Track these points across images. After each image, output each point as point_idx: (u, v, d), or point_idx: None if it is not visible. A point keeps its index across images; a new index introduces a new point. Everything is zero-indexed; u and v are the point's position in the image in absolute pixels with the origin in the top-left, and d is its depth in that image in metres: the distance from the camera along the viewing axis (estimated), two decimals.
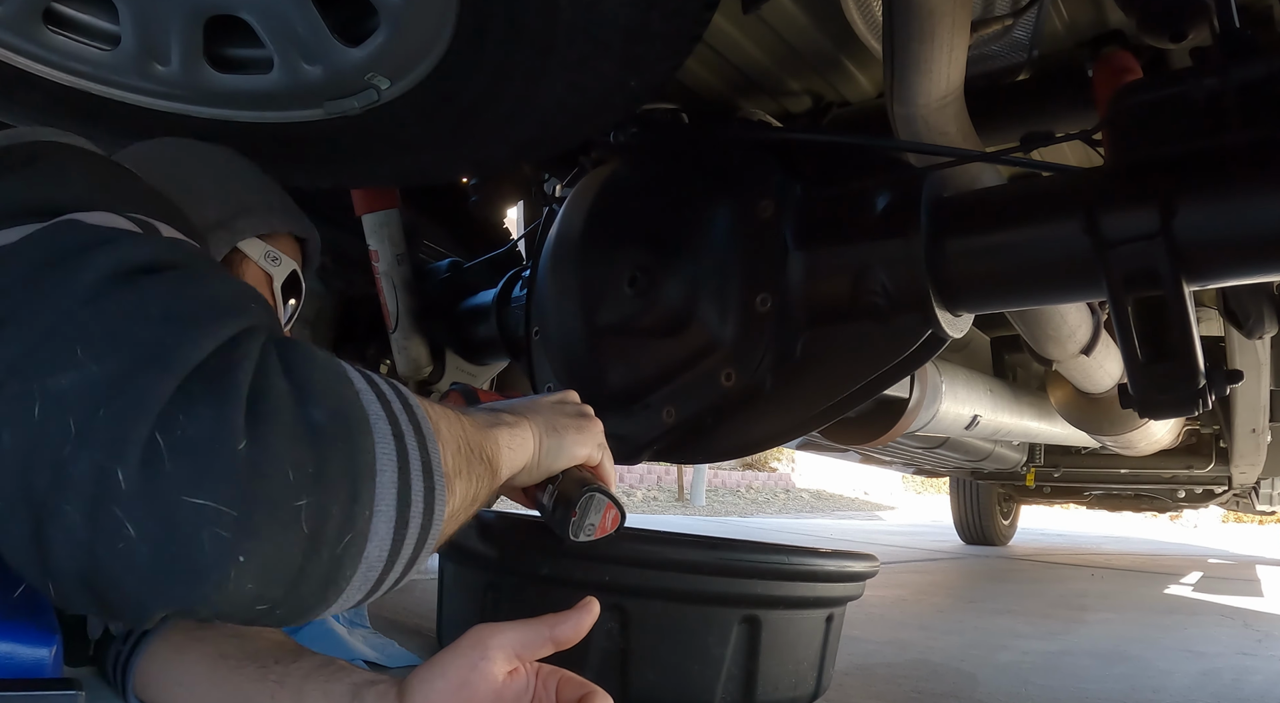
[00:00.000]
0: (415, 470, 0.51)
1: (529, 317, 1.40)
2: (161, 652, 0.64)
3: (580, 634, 0.59)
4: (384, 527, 0.49)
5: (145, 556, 0.41)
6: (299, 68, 0.86)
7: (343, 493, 0.46)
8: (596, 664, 0.86)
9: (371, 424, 0.49)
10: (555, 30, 0.80)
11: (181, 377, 0.42)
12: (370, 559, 0.48)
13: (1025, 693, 1.34)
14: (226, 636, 0.64)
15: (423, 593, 1.85)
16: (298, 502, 0.44)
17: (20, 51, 0.87)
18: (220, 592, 0.42)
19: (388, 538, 0.49)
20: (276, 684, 0.60)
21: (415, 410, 0.53)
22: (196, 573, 0.41)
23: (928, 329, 0.98)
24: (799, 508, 10.11)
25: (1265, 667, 1.68)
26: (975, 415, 1.82)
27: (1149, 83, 0.92)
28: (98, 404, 0.41)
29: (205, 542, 0.41)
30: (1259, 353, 1.91)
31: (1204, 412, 0.92)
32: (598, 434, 0.78)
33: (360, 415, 0.49)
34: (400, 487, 0.50)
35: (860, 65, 1.34)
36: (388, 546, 0.49)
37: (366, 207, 1.59)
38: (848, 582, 0.99)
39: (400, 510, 0.50)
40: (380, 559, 0.49)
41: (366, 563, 0.48)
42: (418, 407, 0.54)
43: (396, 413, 0.51)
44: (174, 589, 0.42)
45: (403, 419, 0.52)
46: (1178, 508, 4.21)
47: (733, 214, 1.10)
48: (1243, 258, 0.85)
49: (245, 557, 0.42)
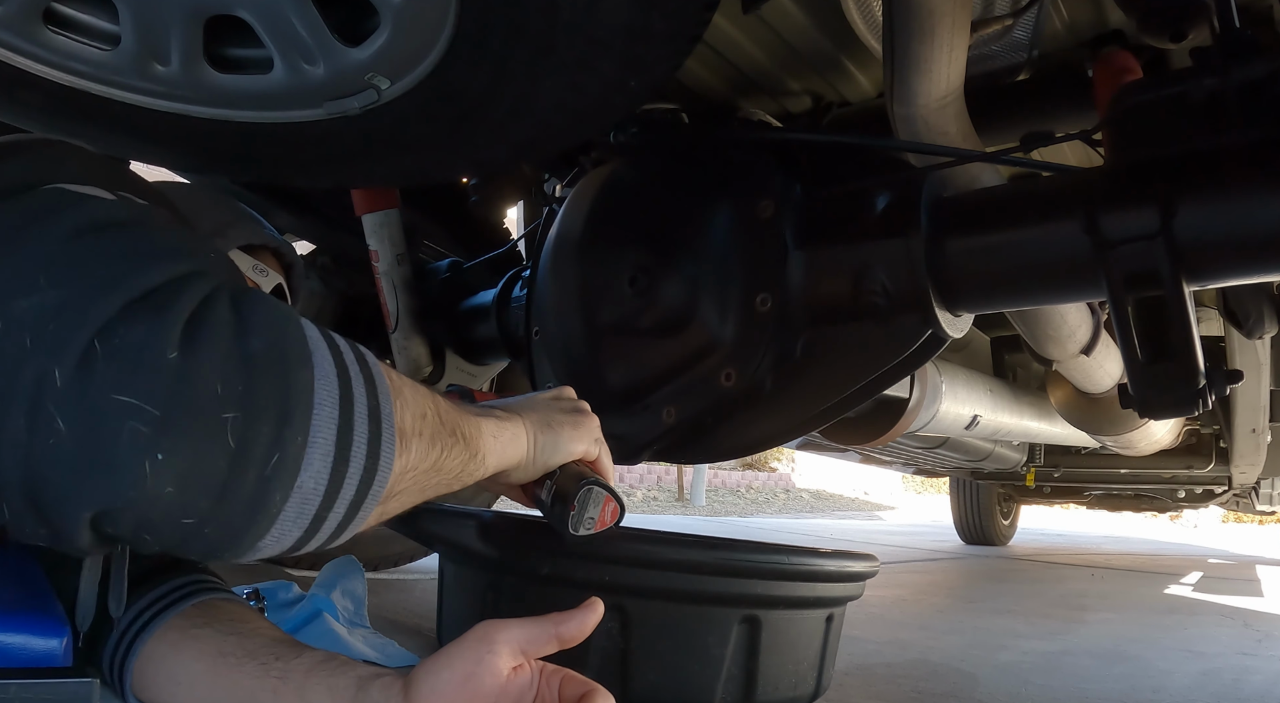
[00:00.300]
0: (360, 414, 0.52)
1: (529, 317, 1.39)
2: (158, 650, 0.64)
3: (584, 633, 0.59)
4: (319, 459, 0.49)
5: (70, 451, 0.43)
6: (299, 68, 0.86)
7: (272, 414, 0.47)
8: (597, 664, 0.86)
9: (314, 362, 0.50)
10: (555, 30, 0.80)
11: (128, 299, 0.45)
12: (304, 490, 0.49)
13: (1025, 693, 1.34)
14: (226, 633, 0.64)
15: (423, 593, 1.85)
16: (224, 414, 0.45)
17: (20, 51, 0.87)
18: (138, 490, 0.43)
19: (324, 472, 0.49)
20: (279, 680, 0.59)
21: (370, 365, 0.55)
22: (114, 466, 0.43)
23: (928, 329, 0.98)
24: (799, 508, 10.11)
25: (1265, 667, 1.68)
26: (975, 415, 1.82)
27: (1149, 83, 0.92)
28: (48, 320, 0.44)
29: (124, 435, 0.43)
30: (1259, 353, 1.90)
31: (1204, 412, 0.92)
32: (594, 429, 0.78)
33: (301, 352, 0.50)
34: (341, 424, 0.50)
35: (860, 65, 1.34)
36: (324, 480, 0.49)
37: (366, 207, 1.59)
38: (848, 582, 0.99)
39: (340, 448, 0.50)
40: (316, 493, 0.49)
41: (300, 494, 0.49)
42: (375, 364, 0.55)
43: (347, 361, 0.53)
44: (94, 485, 0.43)
45: (352, 367, 0.53)
46: (1178, 508, 4.20)
47: (733, 214, 1.10)
48: (1243, 258, 0.85)
49: (163, 455, 0.43)
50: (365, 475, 0.52)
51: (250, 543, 0.49)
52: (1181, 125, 0.87)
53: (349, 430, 0.51)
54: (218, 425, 0.45)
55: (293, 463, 0.48)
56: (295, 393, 0.49)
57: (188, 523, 0.46)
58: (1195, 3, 0.98)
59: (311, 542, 0.52)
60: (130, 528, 0.46)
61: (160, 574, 0.69)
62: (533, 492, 0.77)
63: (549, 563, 0.87)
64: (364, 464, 0.52)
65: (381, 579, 2.02)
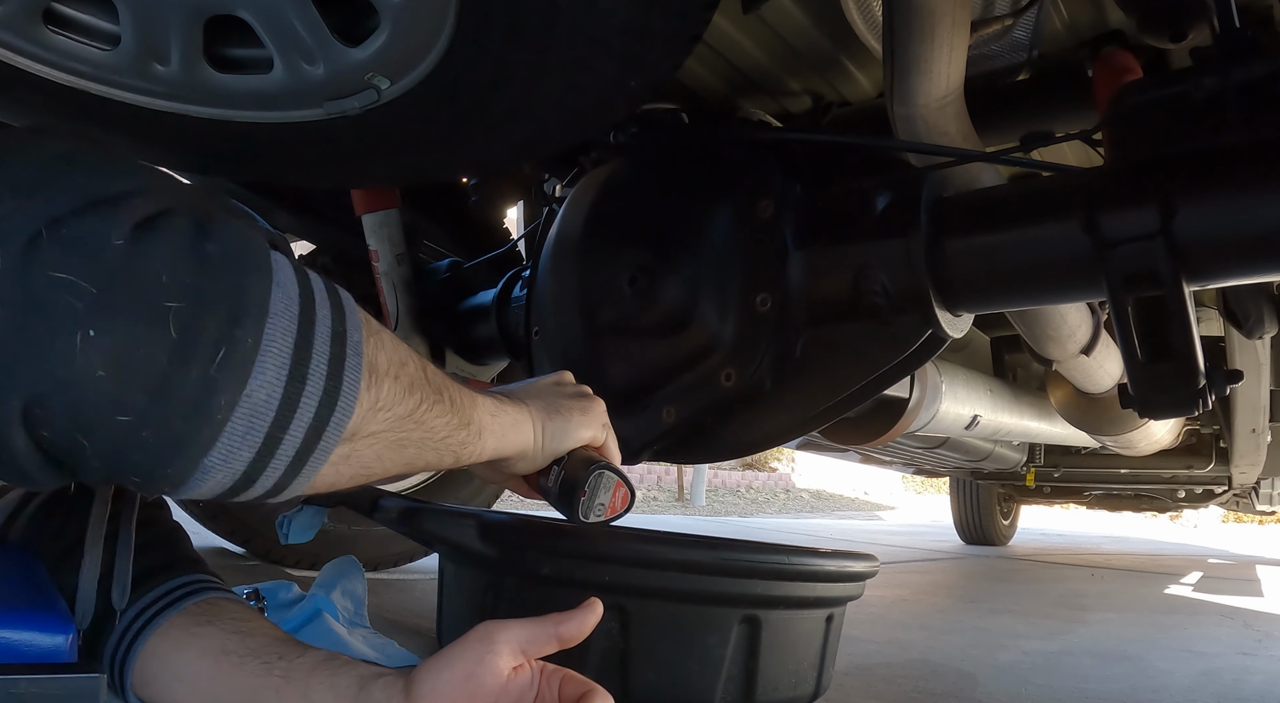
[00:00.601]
0: (322, 333, 0.49)
1: (529, 317, 1.39)
2: (160, 648, 0.63)
3: (584, 633, 0.59)
4: (272, 368, 0.46)
5: (4, 332, 0.41)
6: (299, 68, 0.86)
7: (222, 311, 0.45)
8: (596, 664, 0.86)
9: (273, 271, 0.48)
10: (555, 30, 0.80)
11: (85, 200, 0.43)
12: (254, 400, 0.46)
13: (1025, 693, 1.34)
14: (229, 632, 0.64)
15: (423, 593, 1.85)
16: (167, 302, 0.43)
17: (20, 51, 0.87)
18: (67, 369, 0.41)
19: (277, 384, 0.46)
20: (281, 679, 0.59)
21: (341, 296, 0.53)
22: (44, 342, 0.41)
23: (928, 329, 0.98)
24: (799, 508, 10.11)
25: (1265, 667, 1.68)
26: (975, 415, 1.82)
27: (1149, 83, 0.92)
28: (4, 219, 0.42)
29: (57, 310, 0.41)
30: (1259, 353, 1.90)
31: (1204, 412, 0.92)
32: (601, 414, 0.76)
33: (261, 260, 0.48)
34: (300, 339, 0.48)
35: (860, 65, 1.34)
36: (277, 394, 0.46)
37: (366, 207, 1.59)
38: (848, 582, 0.99)
39: (297, 362, 0.47)
40: (268, 407, 0.46)
41: (249, 403, 0.45)
42: (348, 299, 0.53)
43: (313, 285, 0.51)
44: (25, 364, 0.41)
45: (319, 291, 0.51)
46: (1178, 508, 4.20)
47: (733, 214, 1.10)
48: (1243, 258, 0.85)
49: (95, 332, 0.41)
50: (325, 399, 0.49)
51: (195, 457, 0.45)
52: (1181, 125, 0.86)
53: (307, 346, 0.48)
54: (159, 313, 0.43)
55: (240, 364, 0.45)
56: (249, 295, 0.46)
57: (124, 421, 0.43)
58: (1195, 3, 0.98)
59: (267, 472, 0.48)
60: (64, 422, 0.43)
61: (162, 573, 0.69)
62: (537, 481, 0.75)
63: (549, 563, 0.87)
64: (323, 385, 0.49)
65: (381, 579, 2.02)
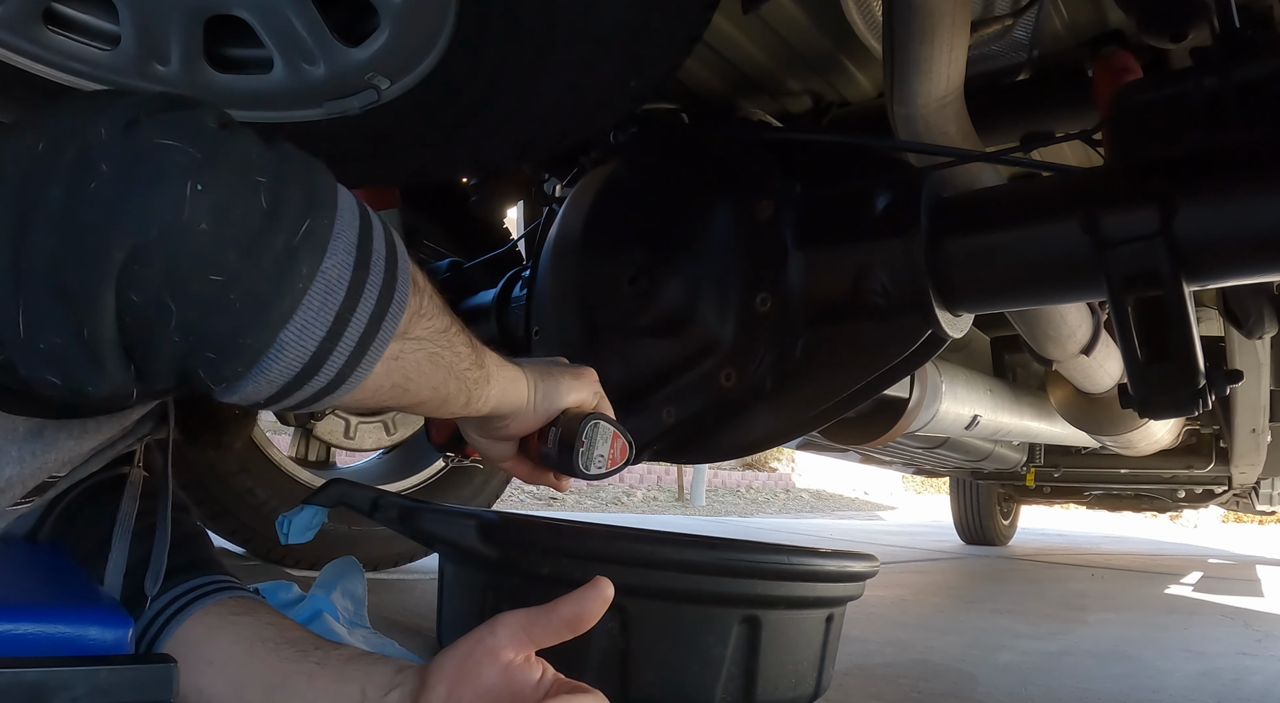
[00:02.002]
0: (379, 235, 0.52)
1: (529, 317, 1.39)
2: (193, 634, 0.64)
3: (588, 613, 0.58)
4: (343, 252, 0.49)
5: (110, 184, 0.43)
6: (299, 68, 0.86)
7: (302, 193, 0.48)
8: (596, 664, 0.86)
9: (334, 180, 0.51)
10: (555, 30, 0.80)
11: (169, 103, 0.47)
12: (329, 278, 0.48)
13: (1025, 693, 1.34)
14: (265, 623, 0.65)
15: (423, 593, 1.85)
16: (258, 176, 0.46)
17: (20, 51, 0.87)
18: (176, 214, 0.43)
19: (347, 266, 0.49)
20: (317, 665, 0.60)
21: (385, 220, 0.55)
22: (155, 188, 0.43)
23: (928, 329, 0.98)
24: (799, 508, 10.11)
25: (1265, 667, 1.68)
26: (975, 415, 1.82)
27: (1149, 83, 0.92)
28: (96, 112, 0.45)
29: (166, 165, 0.44)
30: (1259, 353, 1.90)
31: (1204, 412, 0.92)
32: (592, 380, 0.77)
33: (324, 167, 0.51)
34: (362, 234, 0.51)
35: (860, 65, 1.34)
36: (348, 273, 0.49)
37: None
38: (848, 582, 0.99)
39: (361, 252, 0.50)
40: (340, 284, 0.49)
41: (325, 279, 0.48)
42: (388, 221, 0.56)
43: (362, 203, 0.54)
44: (134, 210, 0.43)
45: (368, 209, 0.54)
46: (1178, 508, 4.20)
47: (733, 214, 1.10)
48: (1243, 258, 0.85)
49: (203, 186, 0.44)
50: (385, 289, 0.51)
51: (274, 326, 0.46)
52: (1181, 125, 0.86)
53: (368, 240, 0.51)
54: (252, 183, 0.46)
55: (319, 240, 0.48)
56: (321, 186, 0.49)
57: (215, 281, 0.44)
58: (1195, 3, 0.98)
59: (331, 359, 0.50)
60: (159, 281, 0.44)
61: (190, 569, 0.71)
62: (536, 448, 0.75)
63: (549, 563, 0.87)
64: (383, 277, 0.51)
65: (381, 579, 2.02)
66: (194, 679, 0.62)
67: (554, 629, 0.57)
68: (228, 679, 0.62)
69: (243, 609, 0.67)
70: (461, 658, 0.56)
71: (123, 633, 0.54)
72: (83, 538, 0.72)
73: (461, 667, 0.56)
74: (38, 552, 0.72)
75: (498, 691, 0.55)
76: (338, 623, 1.18)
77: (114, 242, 0.43)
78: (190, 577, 0.70)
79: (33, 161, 0.44)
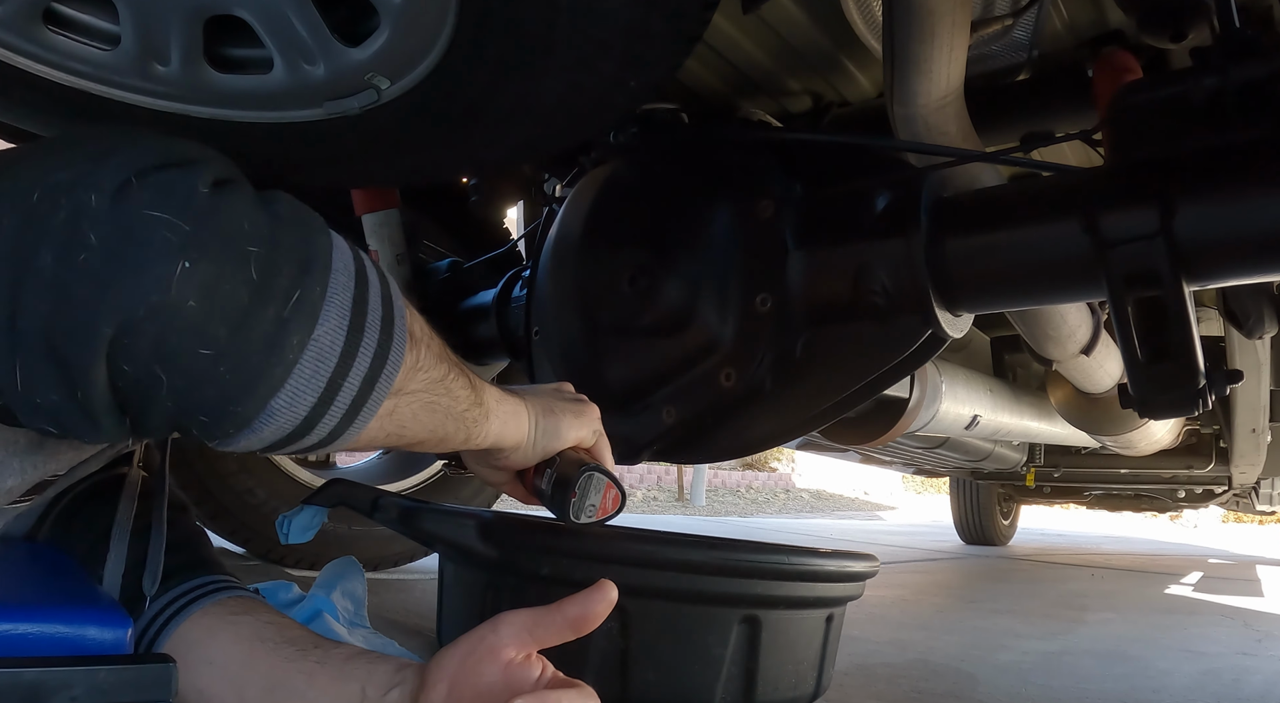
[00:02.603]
0: (375, 294, 0.52)
1: (529, 317, 1.39)
2: (192, 634, 0.64)
3: (593, 615, 0.57)
4: (335, 316, 0.49)
5: (99, 259, 0.43)
6: (299, 68, 0.86)
7: (294, 261, 0.48)
8: (596, 664, 0.86)
9: (331, 236, 0.51)
10: (555, 30, 0.80)
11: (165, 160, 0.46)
12: (321, 345, 0.49)
13: (1025, 693, 1.34)
14: (265, 623, 0.65)
15: (423, 593, 1.85)
16: (249, 247, 0.46)
17: (20, 51, 0.87)
18: (162, 293, 0.43)
19: (340, 332, 0.49)
20: (316, 664, 0.60)
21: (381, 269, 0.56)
22: (143, 267, 0.43)
23: (928, 329, 0.98)
24: (799, 508, 10.11)
25: (1265, 667, 1.68)
26: (975, 415, 1.82)
27: (1149, 83, 0.92)
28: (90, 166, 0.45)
29: (155, 240, 0.44)
30: (1259, 353, 1.90)
31: (1204, 412, 0.92)
32: (594, 418, 0.78)
33: (321, 225, 0.51)
34: (357, 295, 0.51)
35: (860, 65, 1.34)
36: (340, 340, 0.49)
37: (366, 207, 1.59)
38: (848, 582, 0.99)
39: (356, 314, 0.50)
40: (332, 351, 0.49)
41: (317, 347, 0.48)
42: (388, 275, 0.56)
43: (361, 254, 0.54)
44: (121, 288, 0.43)
45: (366, 260, 0.54)
46: (1178, 508, 4.20)
47: (733, 214, 1.10)
48: (1243, 258, 0.85)
49: (190, 263, 0.44)
50: (379, 350, 0.52)
51: (264, 396, 0.47)
52: (1181, 125, 0.86)
53: (363, 302, 0.51)
54: (243, 255, 0.46)
55: (311, 309, 0.48)
56: (315, 251, 0.49)
57: (205, 355, 0.45)
58: (1195, 3, 0.98)
59: (324, 419, 0.51)
60: (148, 354, 0.44)
61: (189, 569, 0.71)
62: (532, 482, 0.76)
63: (549, 563, 0.87)
64: (378, 338, 0.52)
65: (381, 579, 2.02)
66: (193, 679, 0.62)
67: (557, 630, 0.57)
68: (227, 679, 0.62)
69: (242, 609, 0.67)
70: (462, 656, 0.56)
71: (122, 633, 0.54)
72: (81, 538, 0.72)
73: (462, 665, 0.56)
74: (37, 552, 0.72)
75: (498, 689, 0.55)
76: (338, 623, 1.18)
77: (102, 317, 0.43)
78: (189, 577, 0.70)
79: (27, 215, 0.44)
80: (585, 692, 0.56)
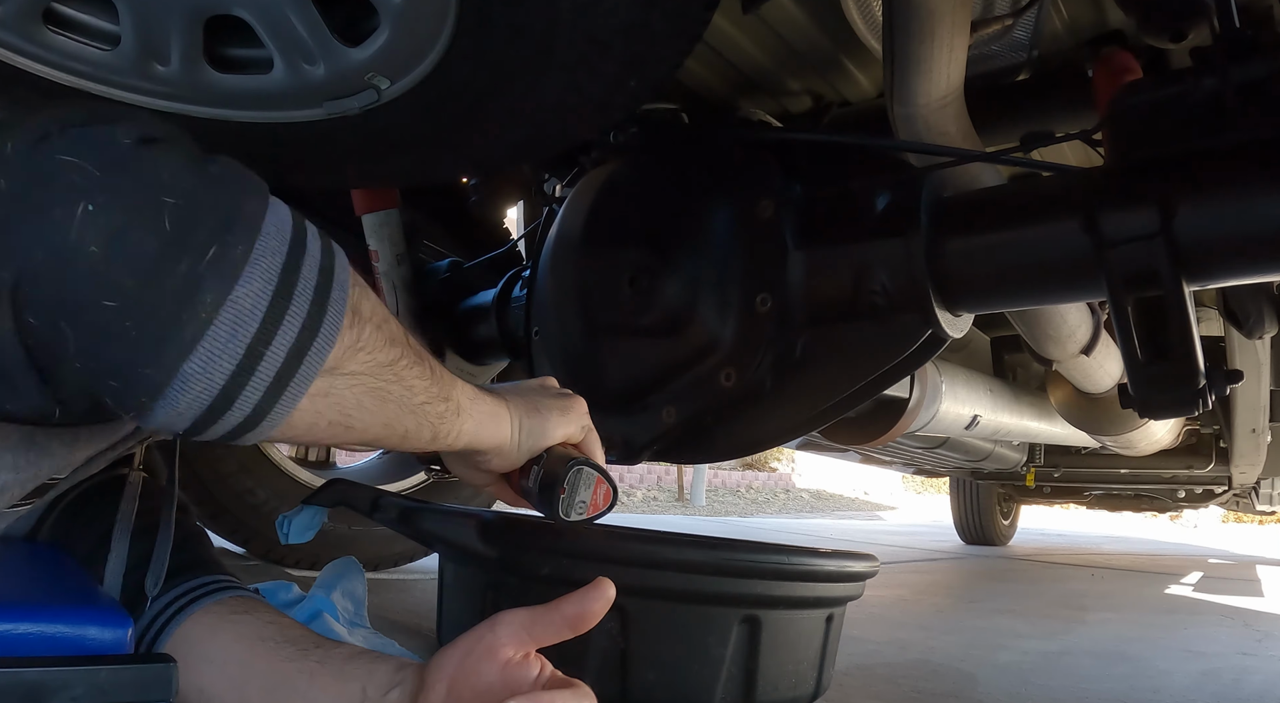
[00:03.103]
0: (310, 263, 0.49)
1: (529, 317, 1.39)
2: (193, 633, 0.64)
3: (590, 613, 0.57)
4: (259, 280, 0.46)
5: (5, 201, 0.42)
6: (299, 68, 0.86)
7: (217, 217, 0.45)
8: (596, 664, 0.86)
9: (269, 202, 0.49)
10: (555, 30, 0.80)
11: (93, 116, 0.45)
12: (240, 308, 0.45)
13: (1025, 693, 1.34)
14: (266, 622, 0.65)
15: (423, 593, 1.85)
16: (165, 197, 0.44)
17: (20, 51, 0.87)
18: (62, 238, 0.42)
19: (263, 297, 0.46)
20: (317, 664, 0.60)
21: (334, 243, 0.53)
22: (42, 208, 0.42)
23: (928, 329, 0.98)
24: (799, 508, 10.11)
25: (1265, 667, 1.68)
26: (975, 415, 1.82)
27: (1149, 83, 0.92)
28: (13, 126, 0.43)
29: (59, 183, 0.42)
30: (1259, 353, 1.90)
31: (1204, 412, 0.92)
32: (581, 413, 0.75)
33: (259, 187, 0.49)
34: (288, 262, 0.48)
35: (860, 65, 1.34)
36: (263, 305, 0.46)
37: (366, 207, 1.59)
38: (848, 582, 0.99)
39: (284, 282, 0.47)
40: (253, 315, 0.46)
41: (234, 309, 0.45)
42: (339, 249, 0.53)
43: (308, 226, 0.51)
44: (20, 229, 0.42)
45: (313, 232, 0.51)
46: (1178, 508, 4.20)
47: (733, 214, 1.10)
48: (1243, 258, 0.85)
49: (95, 207, 0.42)
50: (309, 321, 0.48)
51: (175, 358, 0.44)
52: (1181, 125, 0.86)
53: (295, 269, 0.48)
54: (156, 204, 0.44)
55: (229, 267, 0.45)
56: (244, 210, 0.47)
57: (109, 307, 0.42)
58: (1195, 3, 0.98)
59: (246, 392, 0.47)
60: (51, 303, 0.42)
61: (190, 569, 0.71)
62: (518, 482, 0.74)
63: (549, 563, 0.87)
64: (308, 308, 0.48)
65: (381, 579, 2.02)
66: (194, 679, 0.62)
67: (555, 628, 0.57)
68: (228, 678, 0.62)
69: (243, 609, 0.67)
70: (461, 656, 0.56)
71: (122, 633, 0.54)
72: (82, 538, 0.72)
73: (461, 664, 0.56)
74: (37, 552, 0.72)
75: (496, 688, 0.55)
76: (338, 623, 1.18)
77: (3, 263, 0.42)
78: (190, 577, 0.70)
79: None
80: (582, 691, 0.56)
